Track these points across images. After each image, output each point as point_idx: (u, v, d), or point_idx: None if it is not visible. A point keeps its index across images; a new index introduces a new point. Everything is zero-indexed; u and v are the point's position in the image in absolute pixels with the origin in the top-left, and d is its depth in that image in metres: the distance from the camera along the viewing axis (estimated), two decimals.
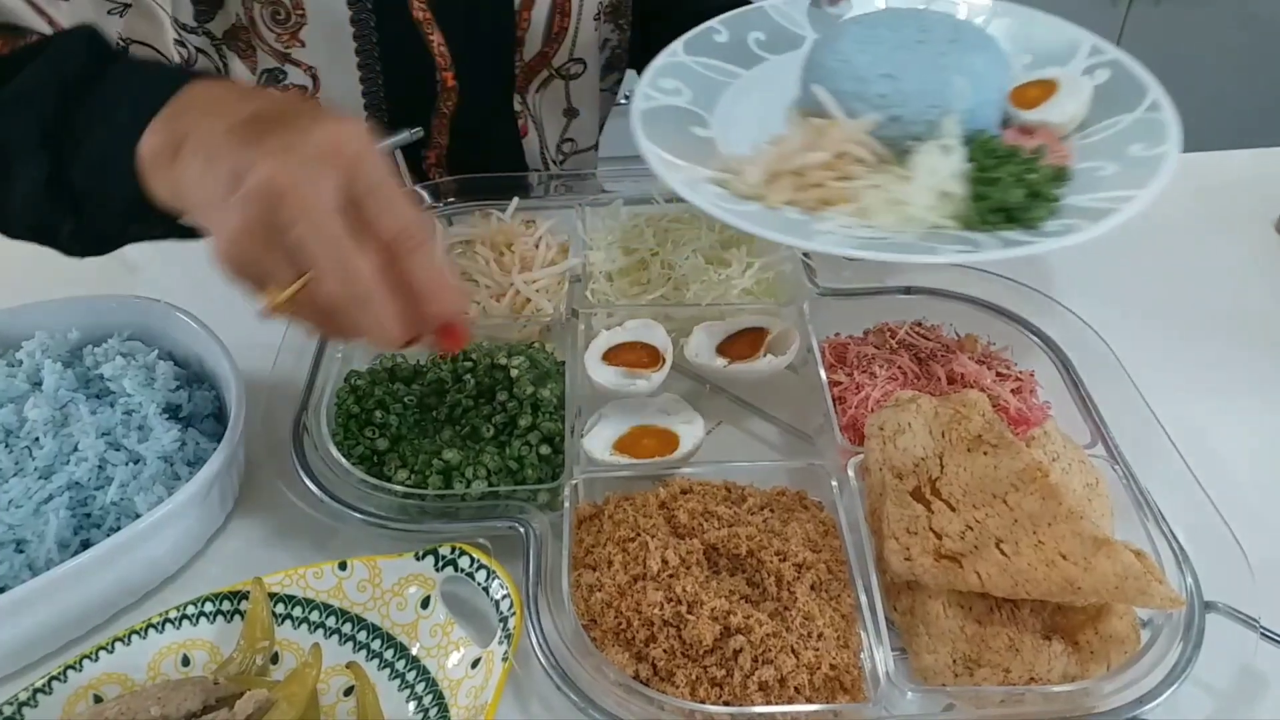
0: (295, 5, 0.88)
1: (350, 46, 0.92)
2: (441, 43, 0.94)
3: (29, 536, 0.67)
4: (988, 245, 0.70)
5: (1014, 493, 0.61)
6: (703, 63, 0.88)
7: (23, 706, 0.58)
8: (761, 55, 0.92)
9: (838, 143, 0.77)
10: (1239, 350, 0.89)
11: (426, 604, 0.65)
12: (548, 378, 0.79)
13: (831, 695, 0.59)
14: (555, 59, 1.05)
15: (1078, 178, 0.77)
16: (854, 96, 0.80)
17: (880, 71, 0.79)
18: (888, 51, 0.80)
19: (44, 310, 0.82)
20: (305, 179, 0.50)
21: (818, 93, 0.80)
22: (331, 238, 0.50)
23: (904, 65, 0.79)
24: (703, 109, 0.86)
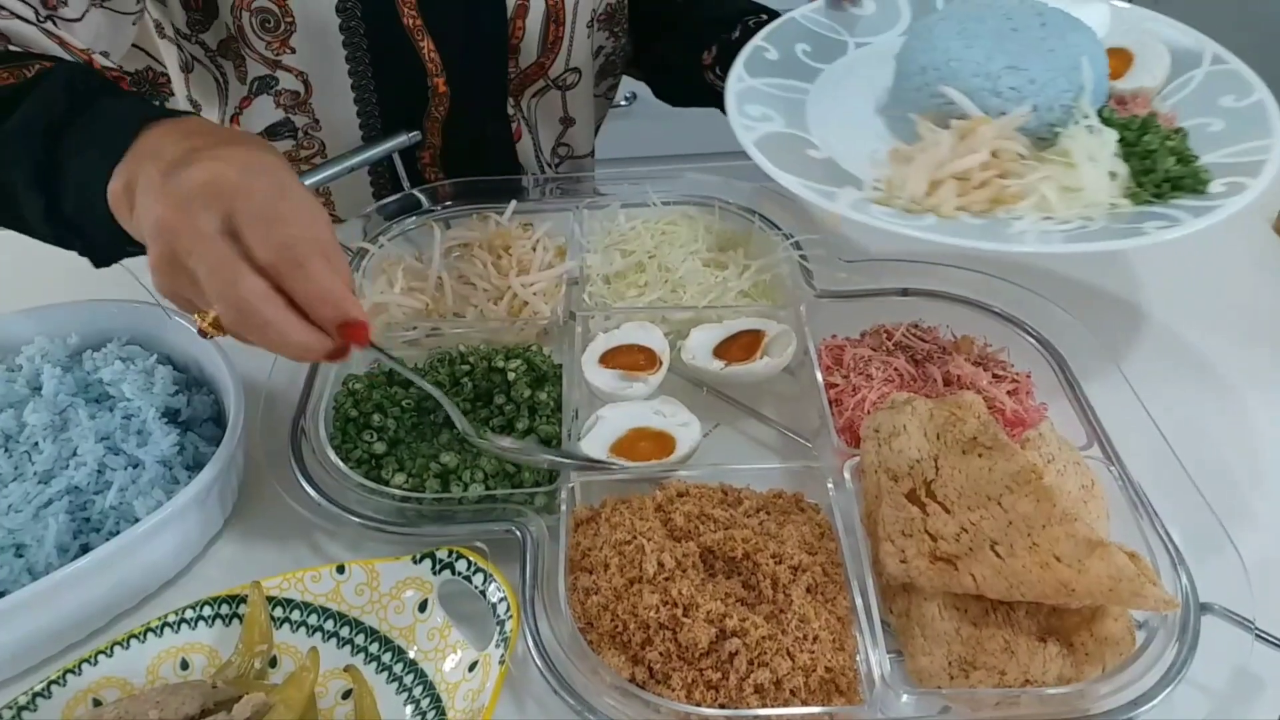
0: (284, 12, 0.89)
1: (340, 54, 0.93)
2: (432, 49, 0.94)
3: (28, 541, 0.67)
4: (1183, 217, 0.70)
5: (1009, 495, 0.62)
6: (769, 84, 0.87)
7: (22, 711, 0.58)
8: (816, 66, 0.91)
9: (990, 141, 0.76)
10: (1236, 351, 0.89)
11: (424, 607, 0.65)
12: (545, 381, 0.80)
13: (827, 698, 0.59)
14: (552, 70, 1.04)
15: (1193, 137, 0.78)
16: (986, 93, 0.78)
17: (1003, 64, 0.78)
18: (995, 43, 0.79)
19: (43, 315, 0.82)
20: (185, 217, 0.55)
21: (950, 94, 0.79)
22: (215, 268, 0.54)
23: (1022, 54, 0.78)
24: (800, 130, 0.84)
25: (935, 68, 0.81)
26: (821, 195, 0.73)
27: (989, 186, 0.74)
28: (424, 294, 0.89)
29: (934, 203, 0.73)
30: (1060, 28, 0.81)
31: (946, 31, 0.82)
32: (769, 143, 0.80)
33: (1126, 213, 0.73)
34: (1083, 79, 0.78)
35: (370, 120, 0.99)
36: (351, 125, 0.99)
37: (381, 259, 0.93)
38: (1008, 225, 0.71)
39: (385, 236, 0.96)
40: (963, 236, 0.70)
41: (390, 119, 0.99)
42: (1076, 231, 0.70)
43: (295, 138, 1.00)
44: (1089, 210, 0.72)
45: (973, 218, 0.73)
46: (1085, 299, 0.86)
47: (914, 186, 0.74)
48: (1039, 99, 0.78)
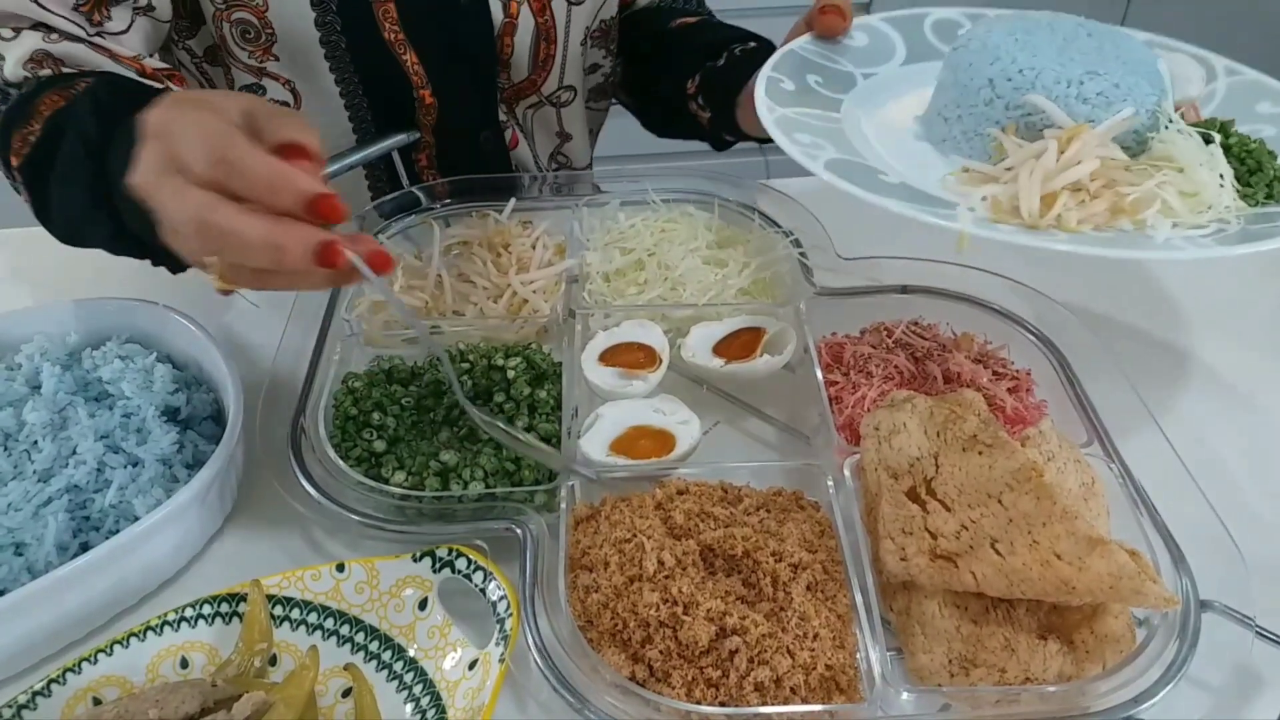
0: (264, 24, 0.88)
1: (324, 65, 0.92)
2: (415, 62, 0.94)
3: (28, 539, 0.67)
4: None
5: (1009, 492, 0.62)
6: (801, 113, 0.80)
7: (21, 709, 0.58)
8: (835, 97, 0.86)
9: (1094, 149, 0.71)
10: (1236, 349, 0.89)
11: (424, 605, 0.65)
12: (544, 378, 0.80)
13: (827, 695, 0.59)
14: (545, 87, 1.04)
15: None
16: (1072, 99, 0.74)
17: (1081, 70, 0.74)
18: (1060, 51, 0.76)
19: (42, 314, 0.82)
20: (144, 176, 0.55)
21: (1041, 103, 0.73)
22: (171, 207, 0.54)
23: (1096, 60, 0.75)
24: (857, 156, 0.77)
25: (1008, 78, 0.75)
26: (938, 217, 0.67)
27: (1103, 197, 0.69)
28: (423, 292, 0.89)
29: (1053, 217, 0.68)
30: (1110, 36, 0.78)
31: (1004, 42, 0.77)
32: (839, 169, 0.73)
33: (1250, 214, 0.70)
34: (1164, 81, 0.75)
35: (364, 125, 0.98)
36: (346, 132, 0.98)
37: None
38: (1147, 236, 0.67)
39: (384, 235, 0.96)
40: (1112, 247, 0.65)
41: (385, 125, 0.99)
42: (1219, 235, 0.67)
43: None
44: (1215, 213, 0.69)
45: (1098, 231, 0.68)
46: (1085, 296, 0.86)
47: (1030, 203, 0.68)
48: (1125, 104, 0.74)
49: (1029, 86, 0.74)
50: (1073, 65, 0.74)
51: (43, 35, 0.76)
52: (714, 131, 1.03)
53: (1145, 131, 0.74)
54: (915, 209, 0.67)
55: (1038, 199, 0.68)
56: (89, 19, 0.77)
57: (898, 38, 0.92)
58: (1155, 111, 0.74)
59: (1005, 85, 0.75)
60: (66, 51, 0.76)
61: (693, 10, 1.11)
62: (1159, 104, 0.74)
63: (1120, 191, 0.69)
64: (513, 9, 0.95)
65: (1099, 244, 0.65)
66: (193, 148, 0.53)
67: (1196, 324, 0.91)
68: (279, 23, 0.88)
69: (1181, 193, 0.69)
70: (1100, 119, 0.73)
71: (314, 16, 0.88)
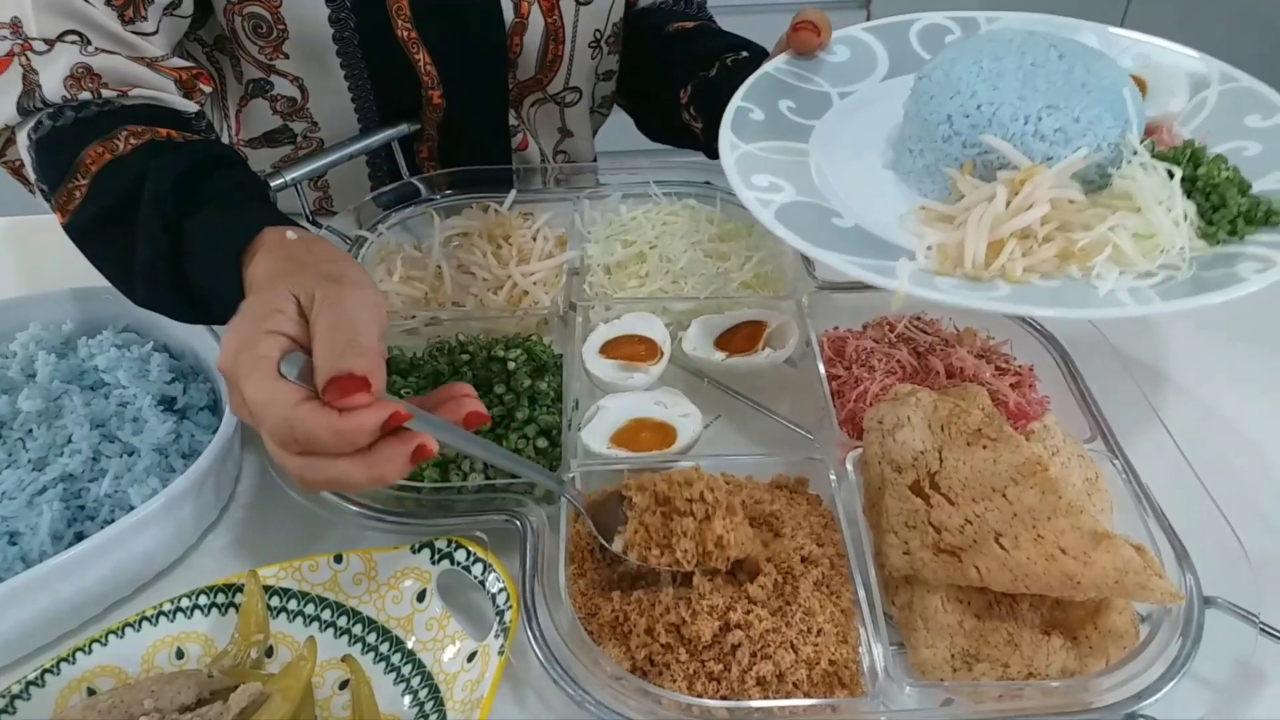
0: (276, 19, 0.88)
1: (335, 62, 0.92)
2: (428, 62, 0.93)
3: (22, 528, 0.67)
4: (1274, 255, 0.63)
5: (1013, 487, 0.61)
6: (765, 147, 0.78)
7: (15, 699, 0.58)
8: (806, 124, 0.82)
9: (1046, 192, 0.67)
10: (1239, 345, 0.89)
11: (422, 597, 0.64)
12: (545, 370, 0.79)
13: (830, 690, 0.59)
14: (550, 86, 1.04)
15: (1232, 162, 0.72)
16: (1029, 137, 0.70)
17: (1040, 104, 0.70)
18: (1022, 81, 0.72)
19: (38, 301, 0.81)
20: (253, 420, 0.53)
21: (996, 144, 0.70)
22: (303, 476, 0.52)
23: (1056, 92, 0.71)
24: (816, 197, 0.74)
25: (966, 114, 0.72)
26: (875, 272, 0.64)
27: (1054, 242, 0.66)
28: (423, 283, 0.88)
29: (999, 267, 0.65)
30: (1081, 58, 0.74)
31: (965, 73, 0.74)
32: (791, 215, 0.70)
33: (1206, 256, 0.66)
34: (1128, 111, 0.71)
35: (369, 122, 0.98)
36: (351, 128, 0.98)
37: (380, 247, 0.93)
38: (1091, 285, 0.64)
39: (384, 225, 0.95)
40: (1051, 304, 0.62)
41: (389, 119, 0.99)
42: (1167, 285, 0.63)
43: (294, 142, 0.99)
44: (1168, 258, 0.65)
45: (1043, 280, 0.65)
46: None
47: (975, 251, 0.66)
48: (1086, 139, 0.70)
49: (986, 124, 0.71)
50: (1033, 99, 0.71)
51: (79, 47, 0.75)
52: (707, 142, 1.02)
53: (1107, 165, 0.71)
54: (857, 264, 0.65)
55: (984, 248, 0.66)
56: (121, 14, 0.77)
57: (880, 49, 0.88)
58: (1118, 144, 0.71)
59: (963, 122, 0.72)
60: (105, 65, 0.75)
61: (692, 14, 1.10)
62: (1122, 136, 0.71)
63: (1071, 237, 0.66)
64: (523, 9, 0.94)
65: (1037, 301, 0.63)
66: (265, 426, 0.52)
67: (1200, 318, 0.91)
68: (292, 17, 0.87)
69: (1136, 235, 0.66)
70: (1059, 156, 0.70)
71: (328, 13, 0.87)
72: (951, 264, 0.66)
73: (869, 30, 0.89)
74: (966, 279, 0.65)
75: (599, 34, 1.02)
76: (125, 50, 0.77)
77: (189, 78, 0.80)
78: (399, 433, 0.52)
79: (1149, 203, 0.67)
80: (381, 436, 0.51)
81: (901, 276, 0.64)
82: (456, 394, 0.57)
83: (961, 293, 0.63)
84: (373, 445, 0.51)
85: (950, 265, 0.66)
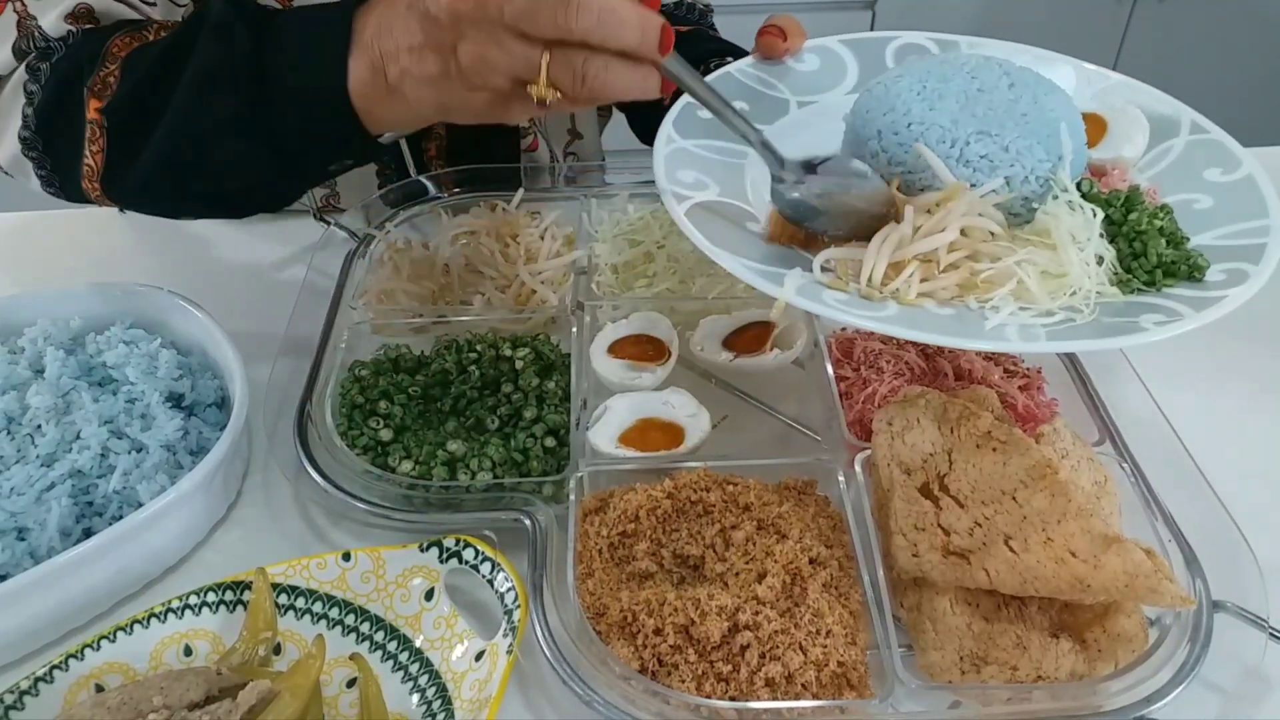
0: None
1: None
2: None
3: (31, 524, 0.67)
4: (1182, 310, 0.62)
5: (1023, 489, 0.61)
6: (703, 145, 0.76)
7: (24, 695, 0.58)
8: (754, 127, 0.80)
9: (960, 218, 0.66)
10: (1248, 349, 0.88)
11: (430, 596, 0.64)
12: (553, 369, 0.79)
13: (838, 692, 0.59)
14: None
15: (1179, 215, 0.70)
16: (953, 161, 0.70)
17: (972, 129, 0.69)
18: (961, 105, 0.71)
19: (46, 298, 0.81)
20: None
21: (925, 154, 0.69)
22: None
23: (992, 119, 0.70)
24: (739, 200, 0.74)
25: (895, 131, 0.71)
26: (764, 278, 0.63)
27: (958, 270, 0.65)
28: (430, 281, 0.88)
29: (894, 288, 0.65)
30: (1032, 89, 0.73)
31: (905, 91, 0.73)
32: (703, 214, 0.69)
33: (1116, 303, 0.65)
34: (1062, 147, 0.70)
35: None
36: None
37: (388, 245, 0.93)
38: (983, 317, 0.63)
39: (391, 223, 0.95)
40: (932, 330, 0.61)
41: None
42: (1063, 326, 0.62)
43: None
44: (1074, 300, 0.64)
45: (938, 306, 0.64)
46: None
47: (873, 270, 0.65)
48: (1013, 170, 0.69)
49: (913, 143, 0.70)
50: (966, 123, 0.70)
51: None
52: None
53: (1033, 199, 0.70)
54: (749, 269, 0.64)
55: (882, 267, 0.65)
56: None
57: (853, 62, 0.86)
58: (1048, 179, 0.69)
59: (891, 139, 0.72)
60: (106, 8, 0.74)
61: (692, 20, 1.10)
62: (1053, 172, 0.69)
63: (976, 267, 0.65)
64: None
65: (921, 325, 0.61)
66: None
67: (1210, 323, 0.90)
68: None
69: (1046, 273, 0.65)
70: (981, 183, 0.69)
71: None
72: (847, 280, 0.66)
73: (845, 42, 0.88)
74: (857, 296, 0.65)
75: None
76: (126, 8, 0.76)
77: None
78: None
79: (1064, 241, 0.65)
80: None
81: (787, 286, 0.63)
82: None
83: (847, 309, 0.62)
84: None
85: (844, 281, 0.66)
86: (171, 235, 1.01)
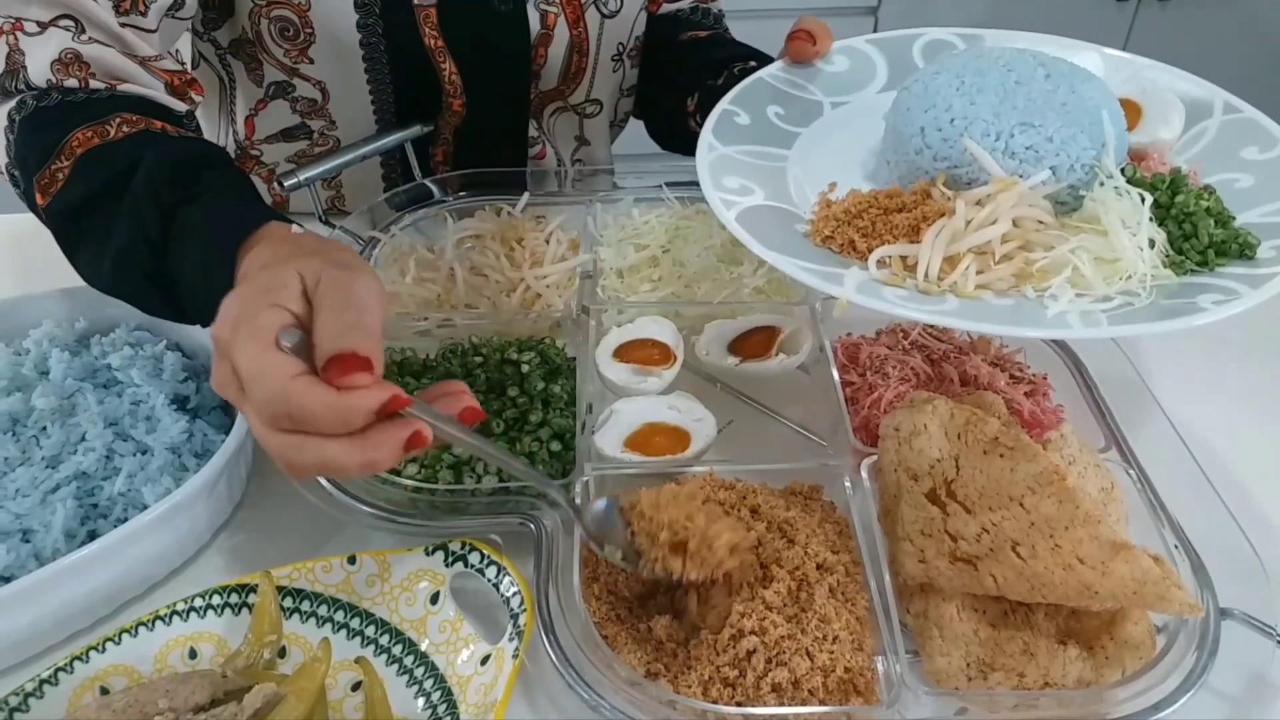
0: (304, 23, 0.88)
1: (360, 68, 0.92)
2: (453, 71, 0.93)
3: (35, 526, 0.66)
4: (1239, 288, 0.62)
5: (1031, 496, 0.61)
6: (744, 151, 0.77)
7: (29, 698, 0.57)
8: (792, 130, 0.82)
9: (1010, 209, 0.66)
10: (1255, 357, 0.88)
11: (436, 600, 0.64)
12: (558, 373, 0.79)
13: (845, 697, 0.58)
14: (572, 97, 1.04)
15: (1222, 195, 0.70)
16: (999, 154, 0.70)
17: (1015, 121, 0.70)
18: (1001, 98, 0.71)
19: (51, 300, 0.81)
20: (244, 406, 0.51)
21: (972, 149, 0.70)
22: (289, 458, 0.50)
23: (1033, 110, 0.70)
24: (785, 203, 0.74)
25: (938, 128, 0.72)
26: (824, 279, 0.64)
27: (1012, 260, 0.66)
28: (435, 284, 0.88)
29: (951, 281, 0.65)
30: (1067, 78, 0.73)
31: (944, 87, 0.73)
32: (753, 218, 0.70)
33: (1172, 285, 0.65)
34: (1105, 134, 0.70)
35: (387, 124, 0.98)
36: (369, 128, 0.98)
37: (393, 249, 0.93)
38: (1042, 306, 0.63)
39: (396, 226, 0.95)
40: (994, 320, 0.61)
41: (407, 123, 0.99)
42: (1121, 310, 0.62)
43: (310, 138, 1.00)
44: (1129, 284, 0.64)
45: (996, 297, 0.64)
46: None
47: (930, 265, 0.65)
48: (1058, 159, 0.70)
49: (957, 138, 0.71)
50: (1008, 115, 0.70)
51: (73, 34, 0.73)
52: None
53: (1080, 187, 0.70)
54: (806, 269, 0.64)
55: (938, 261, 0.65)
56: (117, 6, 0.75)
57: (881, 61, 0.87)
58: (1092, 166, 0.70)
59: (935, 135, 0.72)
60: (96, 55, 0.73)
61: (708, 25, 1.10)
62: (1097, 159, 0.70)
63: (1030, 256, 0.65)
64: (550, 20, 0.94)
65: (983, 317, 0.61)
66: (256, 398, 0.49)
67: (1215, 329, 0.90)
68: (320, 22, 0.87)
69: (1099, 259, 0.65)
70: (1029, 174, 0.69)
71: (356, 18, 0.87)
72: (902, 276, 0.66)
73: (872, 42, 0.88)
74: (916, 291, 0.65)
75: (622, 46, 1.02)
76: (118, 45, 0.75)
77: (181, 84, 0.78)
78: (394, 419, 0.50)
79: (1115, 227, 0.66)
80: (376, 421, 0.49)
81: (847, 285, 0.63)
82: (452, 390, 0.55)
83: (908, 304, 0.62)
84: (366, 429, 0.49)
85: (901, 277, 0.66)
86: None
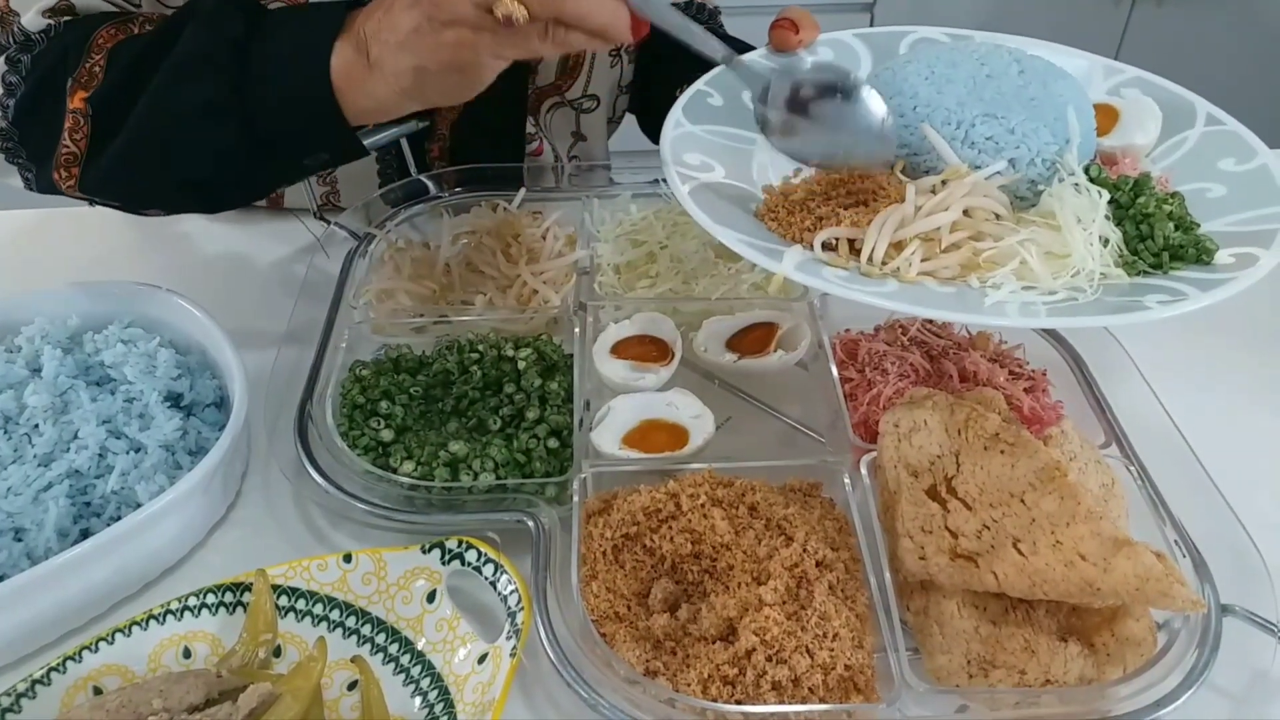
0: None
1: None
2: None
3: (28, 525, 0.66)
4: (1188, 290, 0.61)
5: (1032, 492, 0.61)
6: (711, 130, 0.77)
7: (20, 698, 0.57)
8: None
9: (962, 198, 0.66)
10: (1254, 352, 0.88)
11: (433, 598, 0.64)
12: (555, 370, 0.78)
13: (845, 695, 0.58)
14: (569, 92, 1.03)
15: (1192, 203, 0.70)
16: (958, 143, 0.70)
17: (978, 112, 0.70)
18: (969, 90, 0.72)
19: (44, 296, 0.80)
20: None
21: (930, 135, 0.70)
22: None
23: (999, 103, 0.71)
24: (745, 182, 0.74)
25: (901, 114, 0.72)
26: (764, 254, 0.64)
27: (960, 249, 0.65)
28: (432, 281, 0.87)
29: (894, 266, 0.65)
30: (1041, 76, 0.73)
31: (913, 75, 0.74)
32: (707, 194, 0.70)
33: (1121, 284, 0.64)
34: (1069, 131, 0.70)
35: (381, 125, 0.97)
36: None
37: (388, 245, 0.92)
38: (983, 294, 0.63)
39: (392, 223, 0.95)
40: (931, 305, 0.61)
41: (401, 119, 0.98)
42: (1064, 304, 0.62)
43: None
44: (1077, 280, 0.64)
45: (939, 285, 0.64)
46: None
47: (870, 246, 0.65)
48: (1018, 152, 0.69)
49: (917, 125, 0.71)
50: (972, 106, 0.70)
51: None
52: None
53: (1040, 182, 0.70)
54: (749, 244, 0.64)
55: (884, 246, 0.65)
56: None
57: (867, 56, 0.86)
58: (1054, 162, 0.70)
59: (896, 121, 0.72)
60: (88, 4, 0.73)
61: (703, 20, 1.10)
62: (1059, 154, 0.70)
63: (978, 246, 0.65)
64: None
65: (921, 301, 0.61)
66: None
67: (1215, 325, 0.90)
68: None
69: (1050, 253, 0.65)
70: (986, 164, 0.69)
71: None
72: (847, 259, 0.66)
73: (859, 36, 0.87)
74: (854, 274, 0.65)
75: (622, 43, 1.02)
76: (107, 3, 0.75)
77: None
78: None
79: (1069, 222, 0.66)
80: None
81: (787, 261, 0.64)
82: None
83: (847, 285, 0.62)
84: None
85: (846, 259, 0.66)
86: (171, 235, 1.00)
